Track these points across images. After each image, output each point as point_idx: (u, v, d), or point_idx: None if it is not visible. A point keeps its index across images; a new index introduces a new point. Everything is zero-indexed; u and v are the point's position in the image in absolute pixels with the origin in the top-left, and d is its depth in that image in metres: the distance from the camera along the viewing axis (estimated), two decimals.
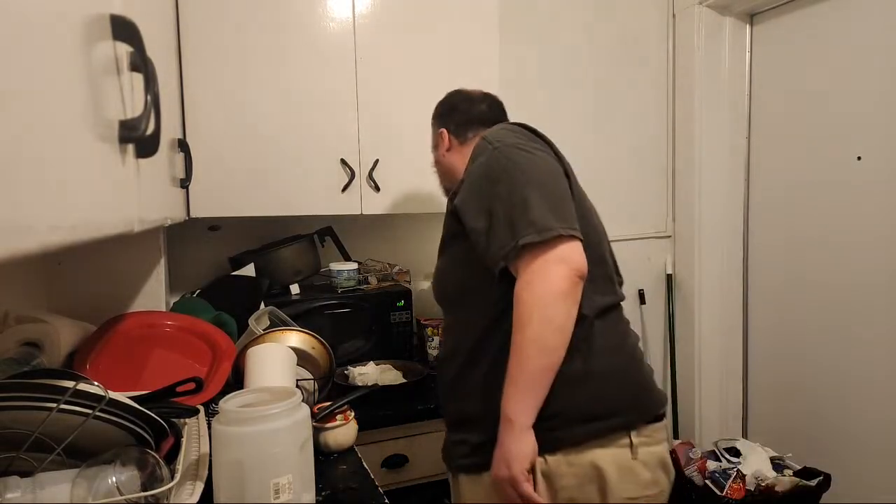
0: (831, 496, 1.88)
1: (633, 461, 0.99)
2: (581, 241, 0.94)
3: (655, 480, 1.01)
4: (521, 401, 0.93)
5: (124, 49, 0.62)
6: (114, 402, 0.75)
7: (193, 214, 1.54)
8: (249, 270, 1.73)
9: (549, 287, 0.89)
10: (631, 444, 0.99)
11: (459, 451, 1.09)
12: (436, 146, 1.35)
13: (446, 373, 1.13)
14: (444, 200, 1.23)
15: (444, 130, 1.31)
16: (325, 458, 1.16)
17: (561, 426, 0.97)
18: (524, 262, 0.92)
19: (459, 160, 1.25)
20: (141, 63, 0.63)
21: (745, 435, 2.41)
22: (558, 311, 0.90)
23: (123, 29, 0.59)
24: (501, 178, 0.97)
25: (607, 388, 0.99)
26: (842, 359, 2.00)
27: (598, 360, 0.99)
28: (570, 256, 0.91)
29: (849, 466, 1.97)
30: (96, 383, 0.75)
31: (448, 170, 1.32)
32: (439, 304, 1.19)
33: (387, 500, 1.01)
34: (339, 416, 1.20)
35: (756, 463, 1.97)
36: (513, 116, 1.32)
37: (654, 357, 2.47)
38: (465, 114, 1.30)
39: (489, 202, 0.97)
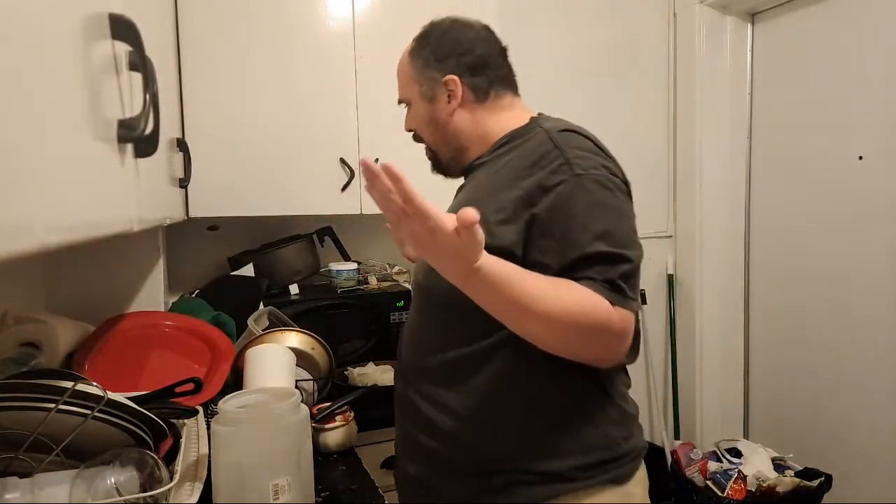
0: (832, 497, 1.88)
1: None
2: None
3: None
4: (527, 309, 0.74)
5: (123, 48, 0.62)
6: (112, 403, 0.75)
7: (192, 214, 1.54)
8: (248, 270, 1.73)
9: (613, 332, 0.79)
10: None
11: (441, 485, 0.90)
12: (431, 98, 0.99)
13: (435, 395, 0.91)
14: (448, 199, 1.20)
15: (457, 78, 0.97)
16: (324, 459, 1.16)
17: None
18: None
19: (473, 123, 0.98)
20: (140, 62, 0.63)
21: (746, 436, 2.41)
22: (592, 343, 0.80)
23: (122, 28, 0.59)
24: (622, 219, 0.84)
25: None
26: (843, 359, 2.00)
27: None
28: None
29: (850, 467, 1.96)
30: (95, 384, 0.75)
31: (455, 134, 0.99)
32: (435, 303, 0.94)
33: (386, 501, 1.01)
34: (338, 417, 1.20)
35: (757, 464, 1.97)
36: None
37: (655, 357, 2.47)
38: (482, 60, 0.99)
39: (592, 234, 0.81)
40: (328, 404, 1.22)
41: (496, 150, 0.97)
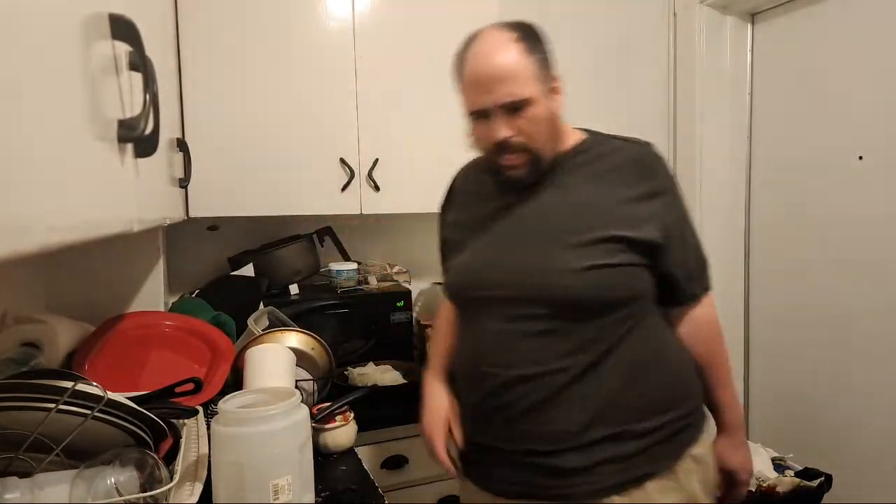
0: (833, 497, 1.88)
1: None
2: None
3: None
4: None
5: (123, 48, 0.62)
6: (112, 403, 0.75)
7: (192, 214, 1.54)
8: (248, 270, 1.73)
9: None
10: None
11: (610, 468, 0.98)
12: (550, 90, 1.02)
13: (589, 388, 0.98)
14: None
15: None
16: (324, 459, 1.16)
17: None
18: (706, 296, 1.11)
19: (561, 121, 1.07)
20: (140, 62, 0.63)
21: (746, 436, 2.40)
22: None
23: (122, 28, 0.59)
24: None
25: None
26: (844, 359, 2.00)
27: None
28: None
29: (850, 467, 1.96)
30: (95, 384, 0.75)
31: (561, 130, 1.05)
32: (586, 306, 0.97)
33: (386, 502, 1.01)
34: (338, 417, 1.20)
35: (757, 464, 1.97)
36: None
37: None
38: None
39: (692, 233, 1.08)
40: (328, 404, 1.22)
41: (576, 155, 1.05)
